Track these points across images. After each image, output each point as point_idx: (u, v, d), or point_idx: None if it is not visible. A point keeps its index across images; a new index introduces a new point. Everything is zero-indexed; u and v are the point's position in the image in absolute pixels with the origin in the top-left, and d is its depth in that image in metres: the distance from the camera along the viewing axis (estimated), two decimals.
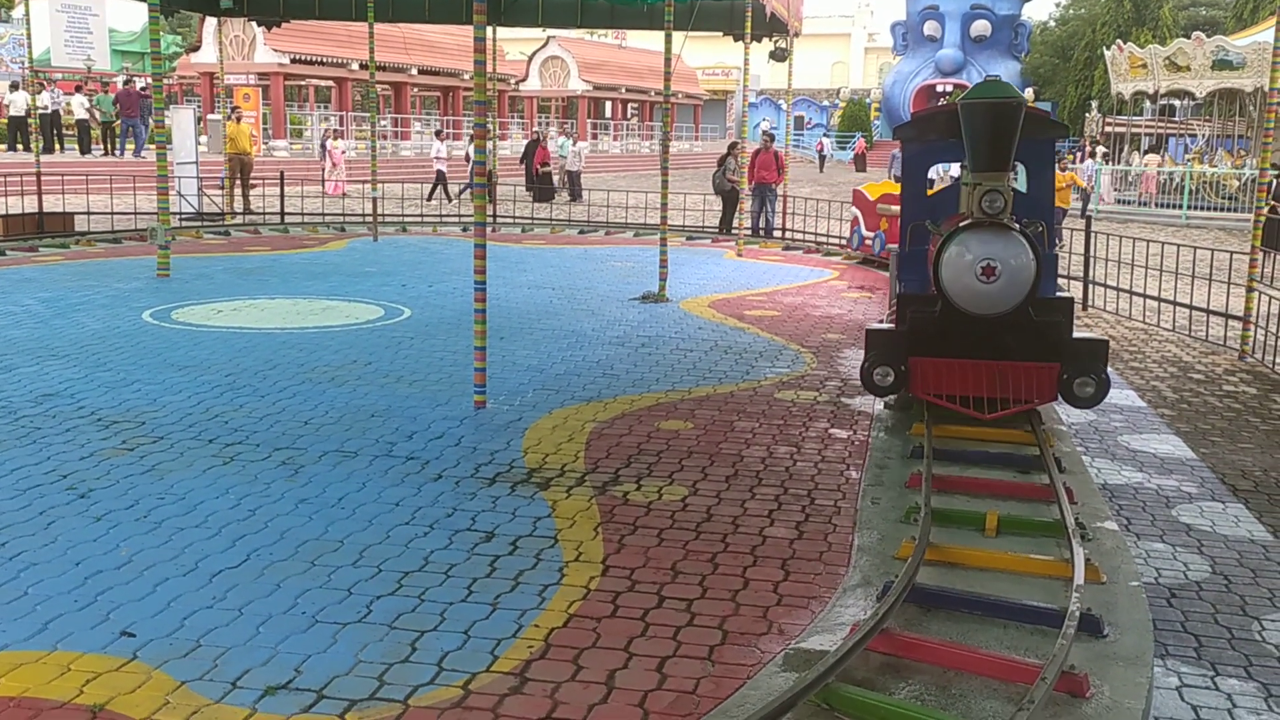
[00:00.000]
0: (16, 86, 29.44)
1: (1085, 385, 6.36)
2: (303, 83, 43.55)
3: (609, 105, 55.64)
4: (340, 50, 35.62)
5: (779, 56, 20.09)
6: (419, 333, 9.94)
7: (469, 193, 26.19)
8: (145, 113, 27.05)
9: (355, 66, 35.87)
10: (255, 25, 29.65)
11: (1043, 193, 7.35)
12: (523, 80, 49.32)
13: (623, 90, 52.88)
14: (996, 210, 6.21)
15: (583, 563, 4.79)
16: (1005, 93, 6.26)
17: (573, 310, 11.42)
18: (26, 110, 25.02)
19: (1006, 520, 5.02)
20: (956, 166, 8.39)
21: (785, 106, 22.14)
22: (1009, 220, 6.29)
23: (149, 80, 18.07)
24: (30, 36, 18.75)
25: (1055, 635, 3.74)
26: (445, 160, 27.09)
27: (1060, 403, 6.83)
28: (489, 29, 9.24)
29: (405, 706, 3.58)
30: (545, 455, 6.35)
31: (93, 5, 37.00)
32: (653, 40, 36.73)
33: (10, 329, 9.61)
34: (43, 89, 29.18)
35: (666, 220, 12.87)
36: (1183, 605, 4.71)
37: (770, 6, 17.10)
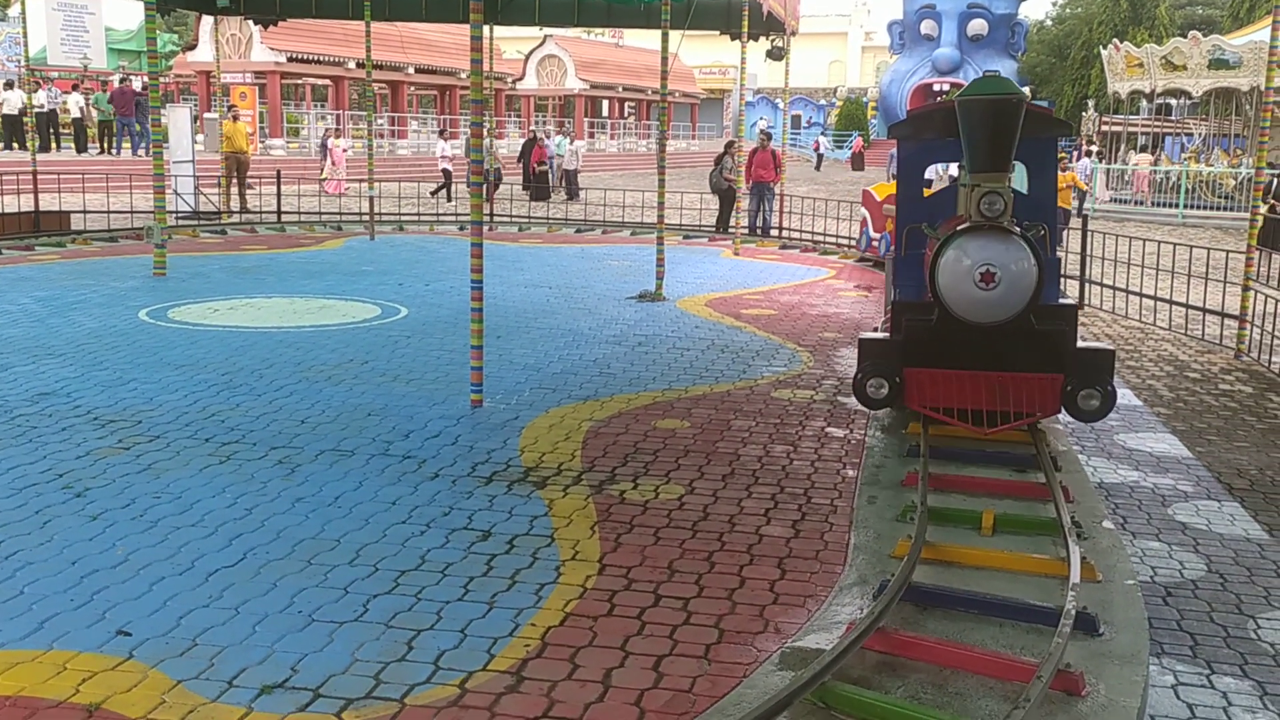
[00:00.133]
0: (12, 85, 29.39)
1: (1090, 398, 6.01)
2: (299, 81, 43.51)
3: (606, 104, 55.63)
4: (337, 49, 35.61)
5: (776, 55, 20.12)
6: (416, 331, 9.94)
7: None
8: (143, 112, 27.02)
9: (352, 65, 35.85)
10: (252, 24, 29.63)
11: (1044, 194, 7.07)
12: (520, 79, 49.34)
13: (620, 89, 52.91)
14: (996, 213, 5.89)
15: (579, 561, 4.80)
16: (1005, 89, 5.96)
17: (569, 309, 11.42)
18: (22, 109, 24.99)
19: (1003, 519, 5.03)
20: (955, 166, 8.27)
21: (782, 105, 22.10)
22: (1009, 223, 5.99)
23: (145, 79, 18.08)
24: (26, 35, 18.66)
25: (1051, 634, 3.75)
26: (451, 159, 26.68)
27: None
28: (486, 28, 9.23)
29: (402, 705, 3.58)
30: (542, 454, 6.36)
31: (89, 3, 36.90)
32: (650, 39, 36.78)
33: (6, 328, 9.60)
34: (39, 87, 29.14)
35: (663, 219, 12.88)
36: (1178, 604, 4.72)
37: (767, 5, 17.10)
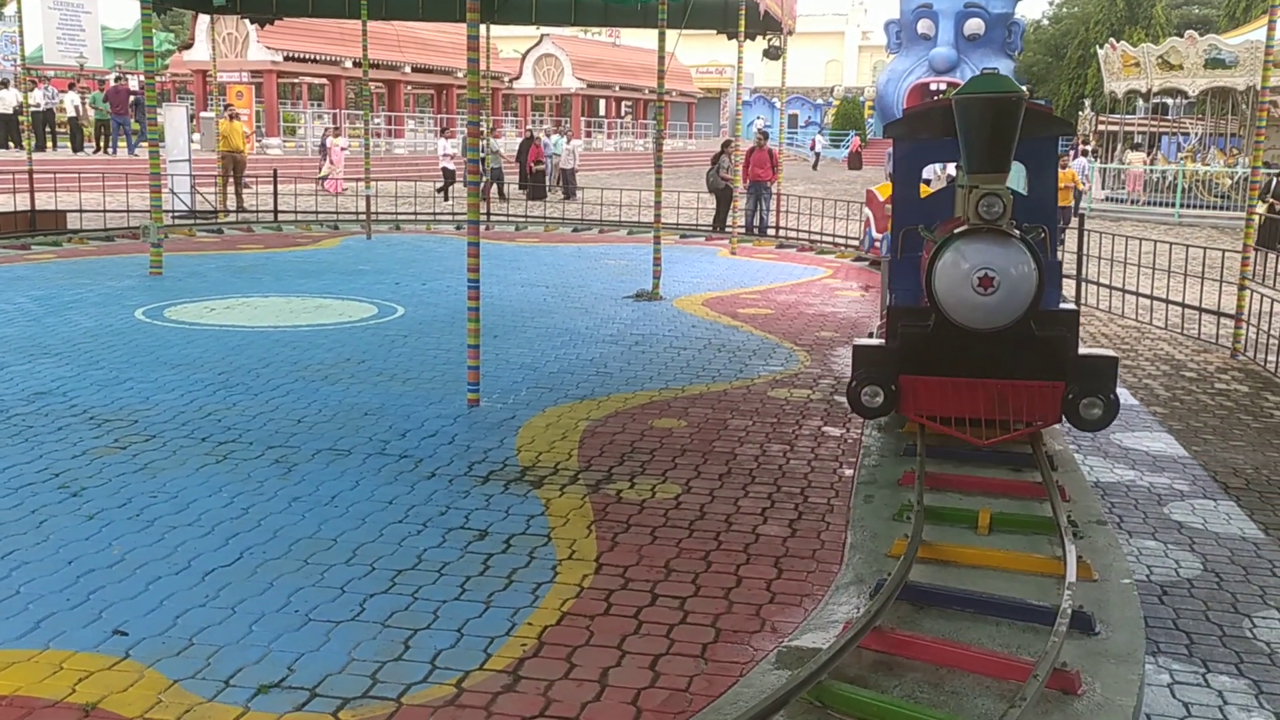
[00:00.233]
0: (8, 84, 29.34)
1: (1092, 406, 5.75)
2: (296, 80, 43.46)
3: (603, 103, 55.62)
4: (333, 48, 35.57)
5: (773, 55, 20.09)
6: (412, 331, 9.94)
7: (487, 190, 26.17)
8: (141, 111, 26.99)
9: (349, 64, 35.80)
10: (248, 23, 29.55)
11: (1045, 195, 6.85)
12: (516, 78, 49.33)
13: (616, 88, 52.90)
14: (995, 216, 5.68)
15: (576, 561, 4.80)
16: (1004, 86, 5.72)
17: (566, 308, 11.41)
18: (18, 108, 24.95)
19: (999, 518, 5.03)
20: (953, 166, 7.79)
21: (779, 104, 22.11)
22: (1008, 226, 5.76)
23: (141, 78, 18.05)
24: (22, 34, 18.61)
25: (1047, 633, 3.76)
26: (453, 157, 26.47)
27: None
28: (482, 27, 9.22)
29: (398, 705, 3.58)
30: (538, 453, 6.36)
31: (85, 2, 36.82)
32: (647, 38, 36.76)
33: (2, 327, 9.59)
34: (35, 86, 29.10)
35: (660, 218, 12.88)
36: (1174, 603, 4.73)
37: (764, 4, 17.09)
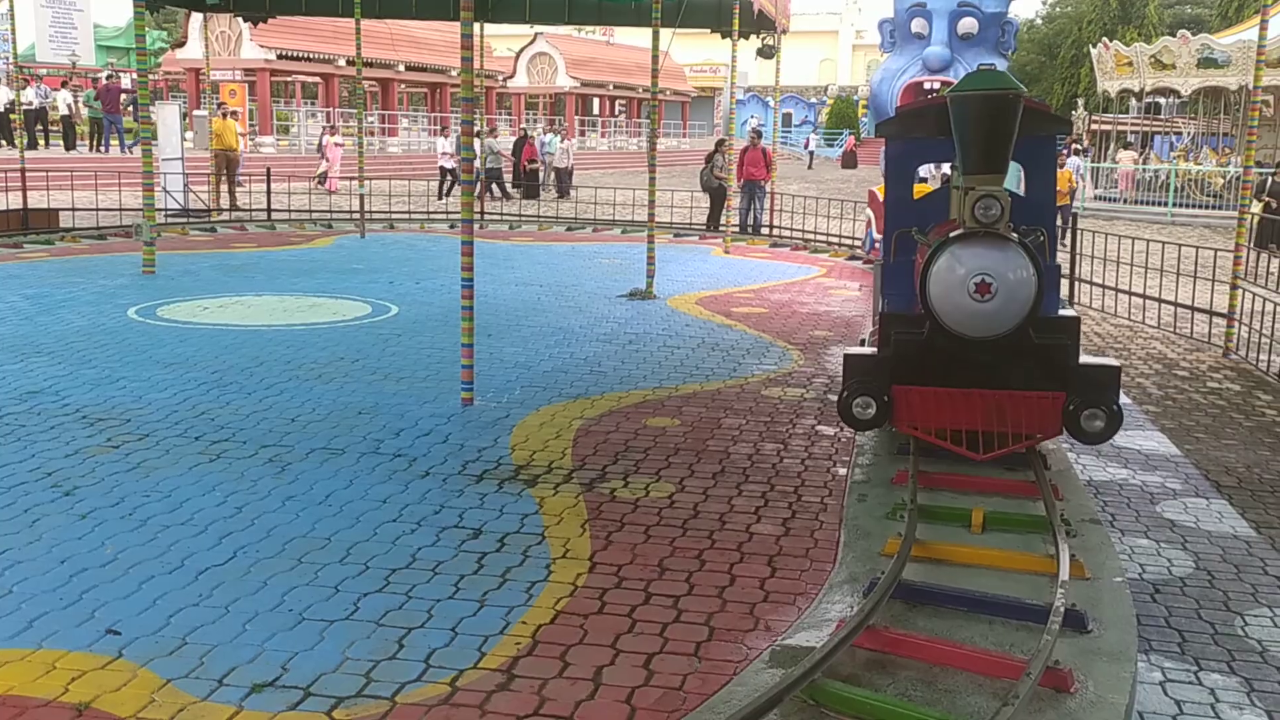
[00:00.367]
0: (0, 81, 29.27)
1: (1094, 418, 5.41)
2: (289, 79, 43.40)
3: (596, 102, 55.62)
4: (327, 46, 35.49)
5: (767, 54, 20.08)
6: (406, 330, 9.93)
7: (491, 189, 26.10)
8: (135, 109, 26.93)
9: (342, 62, 35.75)
10: (241, 21, 29.56)
11: (1043, 196, 6.56)
12: (510, 77, 49.28)
13: (610, 87, 52.86)
14: (992, 218, 5.39)
15: (570, 559, 4.80)
16: (1001, 83, 5.47)
17: (560, 307, 11.41)
18: (10, 105, 24.88)
19: (992, 517, 5.04)
20: (948, 165, 7.57)
21: (773, 103, 22.11)
22: (1006, 229, 5.48)
23: (134, 76, 18.00)
24: (14, 32, 18.63)
25: (1040, 631, 3.76)
26: (453, 156, 26.31)
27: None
28: (476, 25, 9.23)
29: (392, 704, 3.58)
30: (533, 452, 6.36)
31: (77, 0, 36.78)
32: (641, 37, 36.71)
33: None
34: (27, 84, 29.02)
35: (654, 217, 12.88)
36: (1166, 601, 4.74)
37: (758, 3, 17.14)
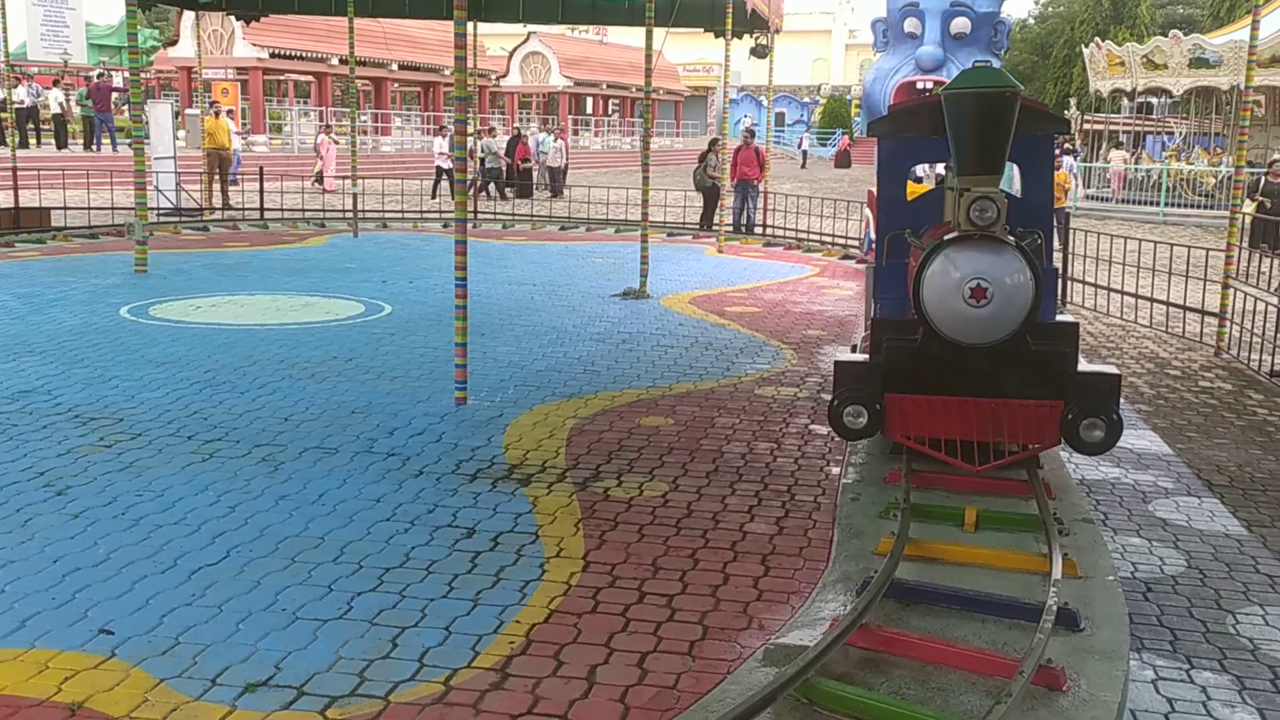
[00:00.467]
0: None
1: (1093, 428, 5.22)
2: (282, 78, 43.34)
3: (590, 101, 55.60)
4: (320, 45, 35.46)
5: (760, 53, 20.12)
6: (400, 329, 9.92)
7: (483, 189, 26.09)
8: (127, 106, 26.86)
9: (335, 61, 35.72)
10: (234, 19, 29.47)
11: (1040, 198, 6.36)
12: (503, 76, 49.27)
13: (604, 86, 52.87)
14: (988, 221, 5.19)
15: (564, 559, 4.80)
16: (998, 80, 5.27)
17: (554, 306, 11.41)
18: (1, 104, 24.78)
19: (985, 516, 5.05)
20: (943, 166, 7.36)
21: (766, 103, 22.14)
22: (1002, 232, 5.28)
23: (125, 75, 17.92)
24: (6, 30, 18.50)
25: (1033, 629, 3.77)
26: (450, 156, 26.32)
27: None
28: (469, 24, 9.22)
29: (386, 703, 3.58)
30: (526, 451, 6.36)
31: None
32: (634, 36, 36.73)
33: None
34: (19, 83, 28.92)
35: (648, 216, 12.88)
36: (1158, 599, 4.76)
37: (751, 3, 17.12)
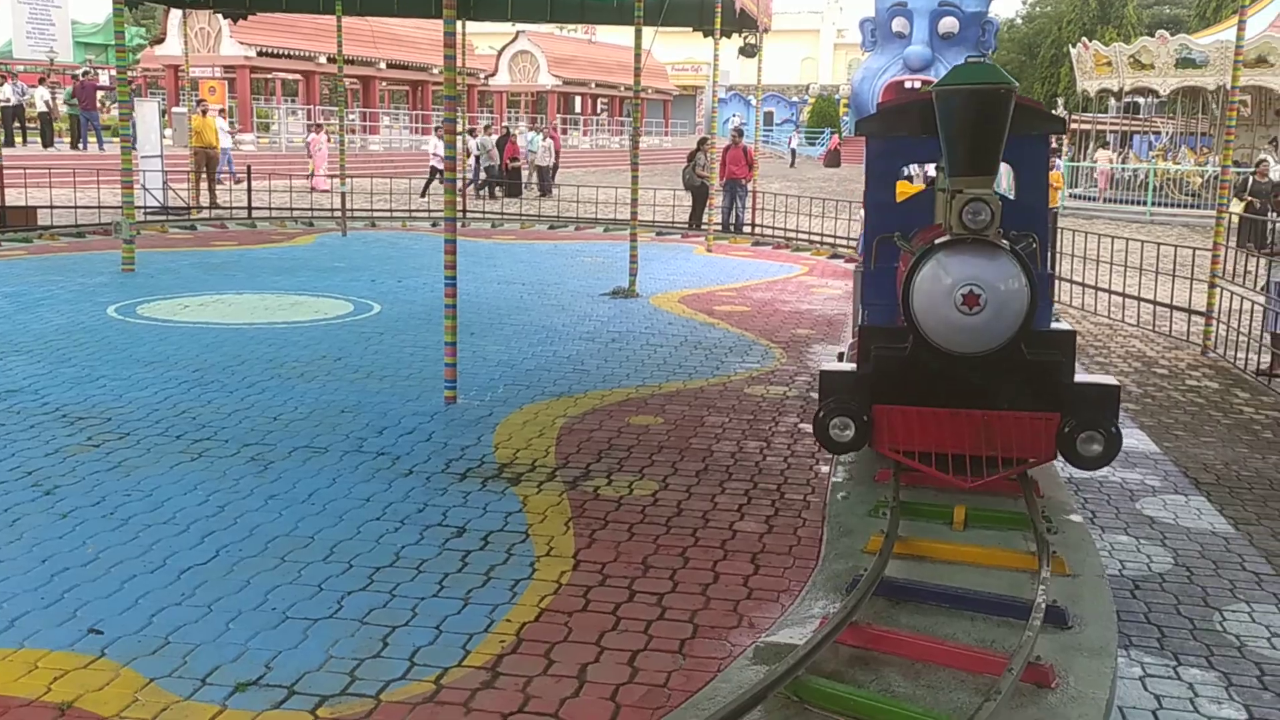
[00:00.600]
0: None
1: (1092, 442, 4.99)
2: (269, 76, 43.21)
3: (579, 100, 55.56)
4: (307, 43, 35.35)
5: (749, 52, 20.11)
6: (389, 328, 9.90)
7: (483, 188, 26.05)
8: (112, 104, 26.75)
9: (323, 60, 35.60)
10: (221, 17, 29.36)
11: (1035, 200, 6.07)
12: (492, 75, 49.19)
13: (592, 85, 52.82)
14: (981, 224, 4.95)
15: (554, 557, 4.81)
16: (992, 77, 5.03)
17: (543, 305, 11.41)
18: None
19: (974, 514, 5.06)
20: (933, 166, 7.15)
21: (755, 102, 22.18)
22: (996, 236, 5.04)
23: (112, 73, 17.85)
24: None
25: (1022, 627, 3.78)
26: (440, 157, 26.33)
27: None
28: (458, 23, 9.21)
29: (377, 702, 3.58)
30: (516, 450, 6.36)
31: None
32: (623, 35, 36.71)
33: None
34: (4, 81, 28.77)
35: (636, 215, 12.89)
36: (1146, 597, 4.78)
37: (740, 2, 17.16)
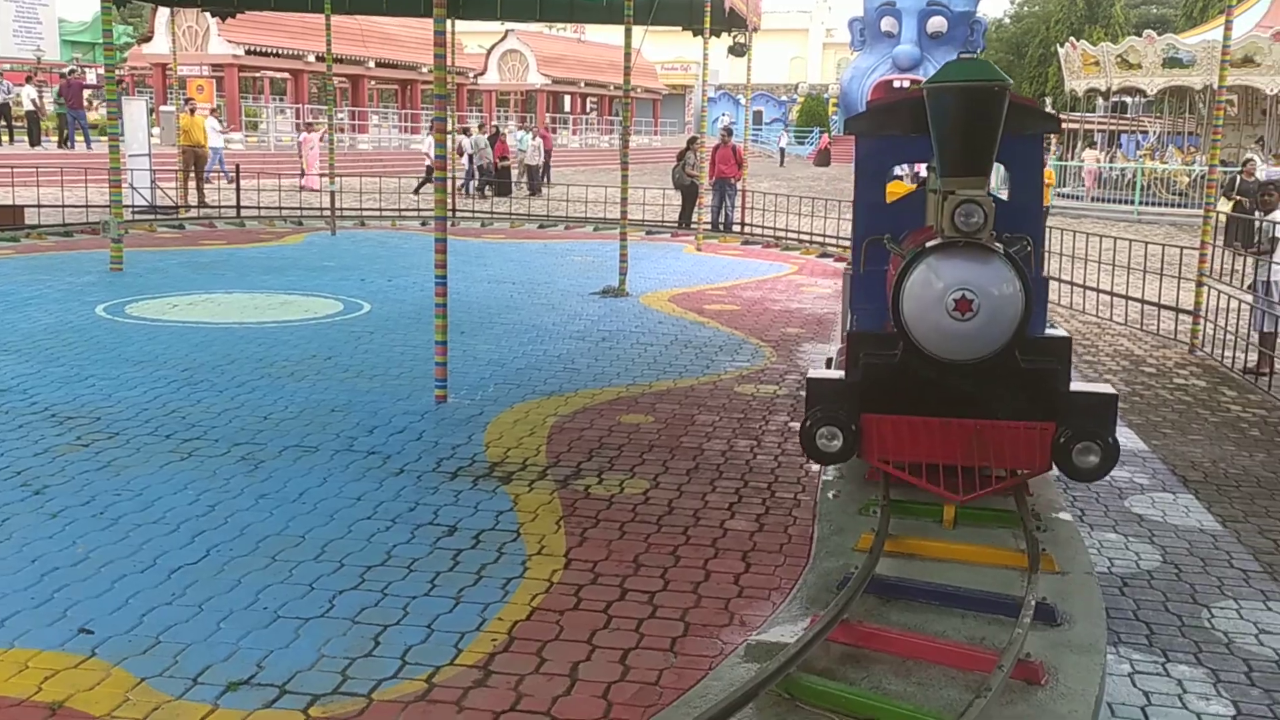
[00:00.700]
0: None
1: (1088, 453, 4.76)
2: (257, 74, 43.08)
3: (568, 99, 55.53)
4: (296, 42, 35.27)
5: (738, 51, 20.15)
6: (379, 327, 9.89)
7: (480, 188, 26.06)
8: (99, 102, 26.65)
9: (311, 58, 35.53)
10: (209, 16, 29.27)
11: (1029, 201, 5.85)
12: (481, 74, 49.14)
13: (582, 84, 52.82)
14: (974, 227, 4.73)
15: (545, 556, 4.81)
16: (985, 74, 4.82)
17: (533, 305, 11.40)
18: None
19: (964, 512, 5.06)
20: (924, 166, 6.81)
21: (744, 101, 22.19)
22: (989, 239, 4.83)
23: (99, 71, 17.78)
24: None
25: (1012, 624, 3.80)
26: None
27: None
28: (448, 22, 9.21)
29: (369, 701, 3.58)
30: (507, 449, 6.36)
31: None
32: (612, 34, 36.74)
33: None
34: None
35: (626, 214, 12.89)
36: (1135, 594, 4.81)
37: (729, 1, 17.17)
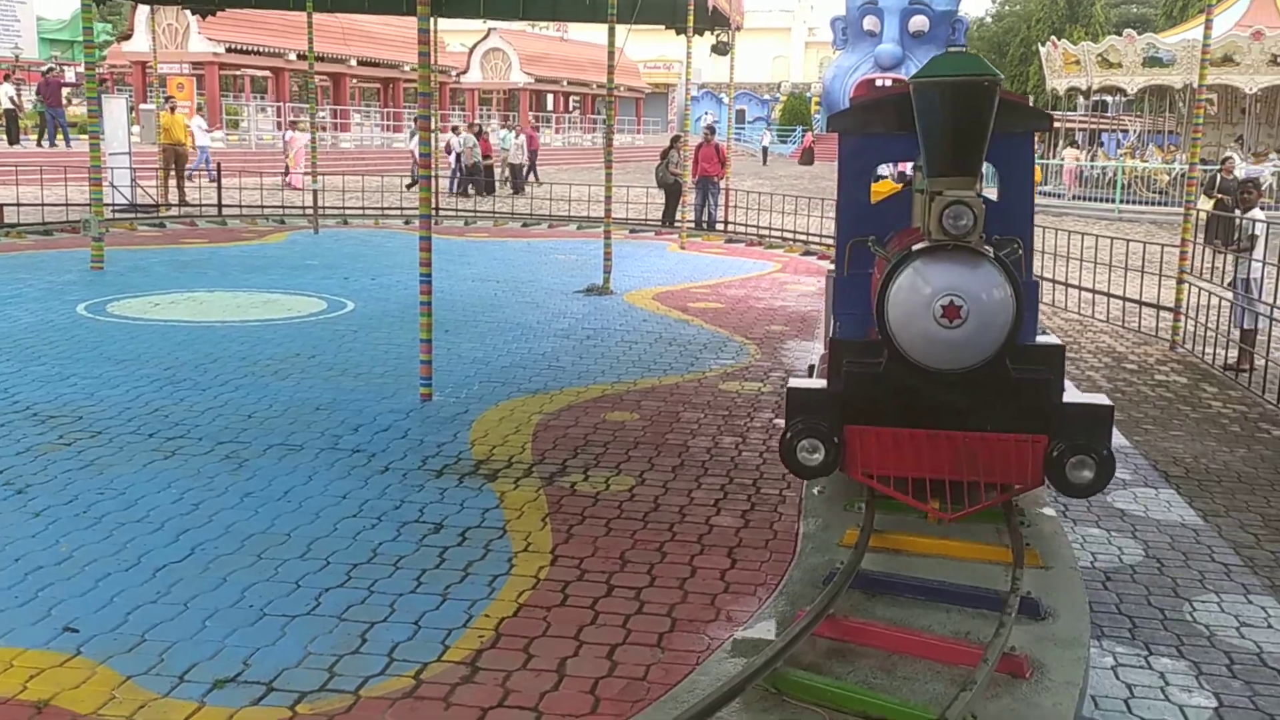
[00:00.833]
0: None
1: (1082, 467, 4.49)
2: (238, 73, 42.88)
3: (551, 98, 55.48)
4: (277, 40, 35.11)
5: (721, 50, 20.15)
6: (363, 326, 9.87)
7: (464, 186, 26.03)
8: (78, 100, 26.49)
9: (293, 57, 35.40)
10: (189, 13, 29.09)
11: (1019, 203, 5.58)
12: (464, 72, 49.05)
13: (564, 83, 52.77)
14: (963, 229, 4.46)
15: (532, 553, 4.81)
16: (974, 68, 4.55)
17: (517, 303, 11.40)
18: None
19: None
20: (910, 165, 6.60)
21: (727, 100, 22.22)
22: (979, 242, 4.58)
23: (78, 69, 17.65)
24: None
25: (996, 619, 3.83)
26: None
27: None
28: (430, 20, 9.19)
29: (356, 697, 3.58)
30: (492, 447, 6.36)
31: None
32: (595, 33, 36.70)
33: None
34: None
35: (610, 213, 12.90)
36: (1118, 588, 4.85)
37: (712, 0, 17.18)
